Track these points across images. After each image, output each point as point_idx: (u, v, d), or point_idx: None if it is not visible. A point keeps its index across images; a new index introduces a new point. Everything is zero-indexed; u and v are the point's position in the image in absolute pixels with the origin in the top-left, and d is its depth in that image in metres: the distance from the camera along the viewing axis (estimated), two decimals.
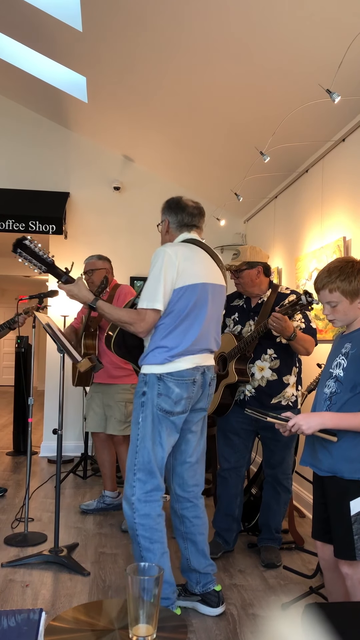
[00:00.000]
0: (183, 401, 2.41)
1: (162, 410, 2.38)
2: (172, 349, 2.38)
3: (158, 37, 3.49)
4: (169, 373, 2.37)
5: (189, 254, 2.44)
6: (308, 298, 2.67)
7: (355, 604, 1.80)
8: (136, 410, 2.42)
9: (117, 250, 5.89)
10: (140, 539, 2.35)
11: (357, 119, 3.38)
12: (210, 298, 2.49)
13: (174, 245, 2.45)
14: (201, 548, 2.58)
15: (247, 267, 3.15)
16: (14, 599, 2.66)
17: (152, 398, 2.38)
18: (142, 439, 2.38)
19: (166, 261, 2.37)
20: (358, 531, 1.88)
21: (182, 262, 2.39)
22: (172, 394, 2.37)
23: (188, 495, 2.57)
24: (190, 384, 2.42)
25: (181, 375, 2.39)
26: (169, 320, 2.40)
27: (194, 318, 2.43)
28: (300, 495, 4.07)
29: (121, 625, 1.45)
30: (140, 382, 2.43)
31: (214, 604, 2.56)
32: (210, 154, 4.90)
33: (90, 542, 3.43)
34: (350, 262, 1.99)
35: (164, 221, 2.62)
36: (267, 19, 2.91)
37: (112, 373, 3.83)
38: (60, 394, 3.20)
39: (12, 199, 5.64)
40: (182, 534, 2.60)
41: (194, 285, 2.42)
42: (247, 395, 3.14)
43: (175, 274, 2.37)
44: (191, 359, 2.42)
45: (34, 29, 4.07)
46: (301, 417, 1.90)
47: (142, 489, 2.36)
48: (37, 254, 2.50)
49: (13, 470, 5.24)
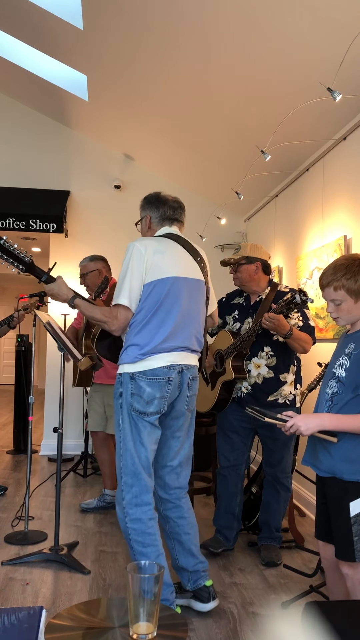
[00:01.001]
0: (156, 401, 2.33)
1: (135, 410, 2.32)
2: (143, 347, 2.31)
3: (159, 36, 3.48)
4: (141, 372, 2.31)
5: (160, 248, 2.37)
6: (302, 297, 2.67)
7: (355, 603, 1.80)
8: (117, 413, 2.38)
9: (117, 249, 5.89)
10: (133, 543, 2.33)
11: (358, 117, 3.37)
12: (184, 293, 2.40)
13: (145, 239, 2.39)
14: (187, 547, 2.54)
15: (246, 262, 3.16)
16: (14, 597, 2.66)
17: (126, 398, 2.33)
18: (123, 441, 2.34)
19: (134, 255, 2.32)
20: (358, 532, 1.87)
21: (151, 256, 2.33)
22: (144, 393, 2.31)
23: (170, 497, 2.53)
24: (165, 383, 2.33)
25: (154, 373, 2.31)
26: (140, 316, 2.34)
27: (166, 314, 2.34)
28: (301, 494, 4.07)
29: (121, 623, 1.45)
30: (117, 382, 2.38)
31: (205, 600, 2.53)
32: (211, 153, 4.89)
33: (90, 540, 3.43)
34: (357, 260, 1.95)
35: (144, 217, 2.57)
36: (268, 18, 2.91)
37: (112, 373, 3.84)
38: (61, 393, 3.21)
39: (12, 197, 5.64)
40: (168, 534, 2.57)
41: (164, 280, 2.34)
42: (244, 392, 3.14)
43: (143, 268, 2.32)
44: (165, 356, 2.34)
45: (35, 28, 4.07)
46: (300, 418, 1.88)
47: (130, 492, 2.32)
48: (14, 254, 2.47)
49: (13, 469, 5.24)
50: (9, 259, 2.48)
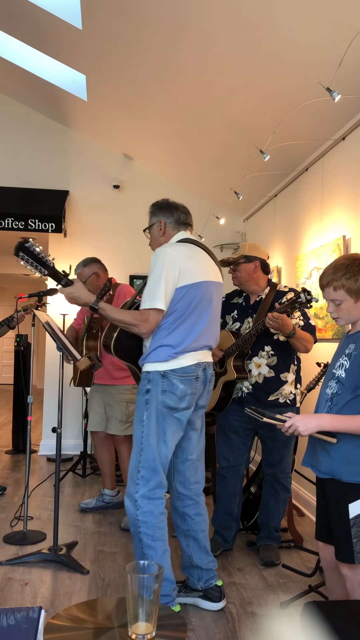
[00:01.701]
0: (187, 397, 2.43)
1: (167, 406, 2.39)
2: (175, 347, 2.39)
3: (158, 36, 3.48)
4: (172, 370, 2.39)
5: (190, 253, 2.47)
6: (307, 296, 2.67)
7: (354, 603, 1.80)
8: (140, 408, 2.43)
9: (116, 249, 5.89)
10: (142, 536, 2.36)
11: (357, 117, 3.38)
12: (213, 296, 2.53)
13: (175, 245, 2.47)
14: (203, 545, 2.61)
15: (245, 260, 3.16)
16: (13, 597, 2.66)
17: (156, 395, 2.39)
18: (146, 436, 2.39)
19: (167, 260, 2.38)
20: (357, 534, 1.86)
21: (184, 261, 2.41)
22: (177, 390, 2.39)
23: (190, 492, 2.59)
24: (194, 380, 2.44)
25: (185, 371, 2.41)
26: (171, 318, 2.41)
27: (198, 316, 2.45)
28: (300, 494, 4.07)
29: (120, 624, 1.45)
30: (144, 380, 2.43)
31: (216, 599, 2.58)
32: (210, 153, 4.89)
33: (89, 540, 3.43)
34: (357, 259, 1.94)
35: (158, 222, 2.64)
36: (267, 18, 2.91)
37: (114, 374, 3.83)
38: (60, 393, 3.20)
39: (11, 197, 5.63)
40: (184, 531, 2.61)
41: (197, 284, 2.44)
42: (245, 391, 3.14)
43: (177, 272, 2.39)
44: (193, 355, 2.44)
45: (34, 27, 4.07)
46: (299, 418, 1.87)
47: (146, 486, 2.37)
48: (38, 257, 2.49)
49: (12, 469, 5.24)
50: (33, 262, 2.49)
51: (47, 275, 2.50)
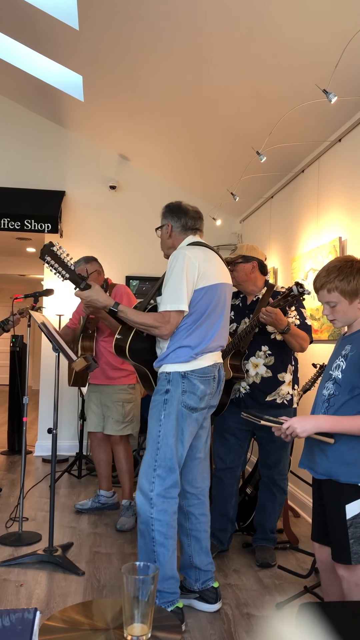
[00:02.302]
0: (207, 397, 2.49)
1: (188, 407, 2.43)
2: (195, 348, 2.44)
3: (155, 36, 3.48)
4: (192, 370, 2.44)
5: (206, 256, 2.52)
6: (299, 289, 2.68)
7: (349, 604, 1.80)
8: (157, 408, 2.45)
9: (112, 250, 5.88)
10: (156, 534, 2.37)
11: (354, 119, 3.38)
12: (227, 298, 2.61)
13: (192, 248, 2.50)
14: (205, 545, 2.62)
15: (242, 260, 3.17)
16: (8, 599, 2.65)
17: (176, 395, 2.42)
18: (164, 435, 2.41)
19: (187, 263, 2.42)
20: (353, 535, 1.86)
21: (202, 264, 2.46)
22: (198, 390, 2.44)
23: (196, 492, 2.62)
24: (212, 380, 2.50)
25: (204, 372, 2.46)
26: (190, 320, 2.46)
27: (216, 317, 2.51)
28: (296, 495, 4.07)
29: (116, 625, 1.45)
30: (163, 380, 2.46)
31: (212, 601, 2.59)
32: (207, 154, 4.90)
33: (84, 541, 3.42)
34: (350, 261, 1.95)
35: (165, 225, 2.66)
36: (264, 20, 2.91)
37: (109, 374, 3.83)
38: (55, 393, 3.20)
39: (7, 197, 5.62)
40: (187, 530, 2.62)
41: (215, 286, 2.50)
42: (242, 392, 3.14)
43: (196, 275, 2.43)
44: (210, 356, 2.50)
45: (30, 27, 4.06)
46: (296, 420, 1.87)
47: (162, 485, 2.39)
48: (63, 261, 2.49)
49: (7, 470, 5.23)
50: (56, 265, 2.48)
51: (68, 279, 2.49)
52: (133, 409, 3.85)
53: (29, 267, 10.30)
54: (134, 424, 3.85)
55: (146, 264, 5.94)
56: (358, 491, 1.87)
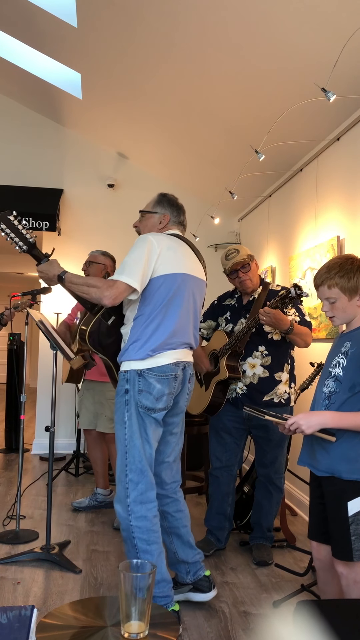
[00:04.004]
0: (165, 397, 2.37)
1: (143, 407, 2.34)
2: (148, 341, 2.34)
3: (153, 34, 3.48)
4: (149, 369, 2.34)
5: (172, 245, 2.43)
6: (297, 291, 2.67)
7: (347, 602, 1.81)
8: (120, 410, 2.38)
9: (110, 248, 5.86)
10: (137, 541, 2.32)
11: (352, 118, 3.38)
12: (189, 290, 2.47)
13: (158, 235, 2.44)
14: (186, 540, 2.59)
15: (251, 260, 3.17)
16: (5, 597, 2.65)
17: (134, 395, 2.34)
18: (130, 438, 2.34)
19: (149, 247, 2.34)
20: (355, 532, 1.87)
21: (164, 251, 2.38)
22: (154, 390, 2.34)
23: (167, 492, 2.57)
24: (172, 380, 2.39)
25: (162, 370, 2.35)
26: (148, 310, 2.36)
27: (173, 309, 2.39)
28: (293, 493, 4.08)
29: (113, 622, 1.45)
30: (122, 379, 2.38)
31: (206, 589, 2.58)
32: (205, 152, 4.89)
33: (82, 539, 3.42)
34: (350, 259, 1.98)
35: (162, 215, 2.60)
36: (263, 18, 2.91)
37: (104, 371, 3.82)
38: (53, 392, 3.20)
39: (5, 195, 5.61)
40: (166, 529, 2.58)
41: (174, 275, 2.39)
42: (239, 392, 3.14)
43: (155, 260, 2.35)
44: (171, 354, 2.39)
45: (28, 25, 4.05)
46: (301, 417, 1.88)
47: (136, 490, 2.33)
48: (19, 232, 2.43)
49: (5, 468, 5.22)
50: (12, 234, 2.44)
51: (27, 252, 2.47)
52: None
53: (26, 265, 10.29)
54: None
55: None
56: (359, 488, 1.88)
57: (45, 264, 2.45)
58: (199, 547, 3.13)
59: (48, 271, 2.43)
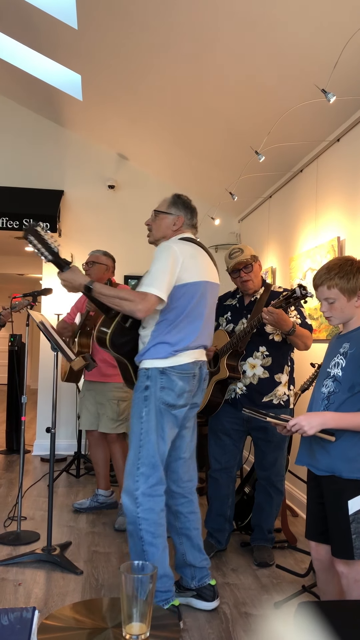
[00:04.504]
0: (185, 394, 2.45)
1: (165, 403, 2.41)
2: (174, 345, 2.42)
3: (153, 36, 3.48)
4: (171, 367, 2.41)
5: (193, 252, 2.49)
6: (302, 291, 2.67)
7: (348, 603, 1.81)
8: (138, 405, 2.43)
9: (111, 249, 5.83)
10: (143, 533, 2.35)
11: (352, 119, 3.39)
12: (210, 296, 2.57)
13: (180, 243, 2.48)
14: (196, 543, 2.61)
15: (254, 261, 3.17)
16: (6, 598, 2.65)
17: (155, 392, 2.40)
18: (146, 433, 2.40)
19: (173, 256, 2.39)
20: (356, 530, 1.88)
21: (187, 260, 2.44)
22: (176, 387, 2.42)
23: (183, 490, 2.60)
24: (191, 378, 2.47)
25: (183, 369, 2.43)
26: (172, 316, 2.43)
27: (197, 315, 2.48)
28: (293, 494, 4.07)
29: (114, 624, 1.45)
30: (142, 376, 2.44)
31: (210, 598, 2.59)
32: (205, 153, 4.89)
33: (83, 540, 3.42)
34: (350, 260, 2.01)
35: (177, 217, 2.63)
36: (263, 20, 2.91)
37: (105, 371, 3.82)
38: (54, 393, 3.20)
39: (6, 196, 5.62)
40: (177, 529, 2.61)
41: (197, 283, 2.47)
42: (239, 393, 3.14)
43: (179, 270, 2.40)
44: (191, 353, 2.47)
45: (29, 27, 4.06)
46: (303, 417, 1.90)
47: (146, 483, 2.37)
48: (46, 242, 2.47)
49: (6, 469, 5.22)
50: (40, 245, 2.46)
51: (50, 262, 2.48)
52: (127, 408, 3.84)
53: (27, 266, 10.30)
54: (128, 422, 3.84)
55: (145, 263, 5.92)
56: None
57: (69, 273, 2.45)
58: None
59: (73, 280, 2.44)
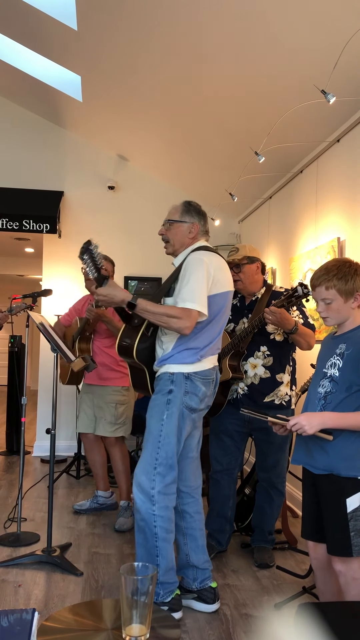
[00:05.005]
0: (207, 398, 2.54)
1: (189, 407, 2.48)
2: (200, 350, 2.49)
3: (153, 37, 3.48)
4: (195, 372, 2.48)
5: (220, 264, 2.55)
6: (304, 289, 2.67)
7: (348, 604, 1.81)
8: (159, 407, 2.47)
9: (111, 250, 5.85)
10: (158, 529, 2.42)
11: (352, 119, 3.39)
12: (230, 304, 2.66)
13: (207, 254, 2.52)
14: (201, 543, 2.64)
15: (248, 261, 3.16)
16: (6, 599, 2.65)
17: (179, 396, 2.46)
18: (166, 435, 2.45)
19: (206, 269, 2.45)
20: (354, 527, 1.91)
21: (216, 272, 2.50)
22: (200, 392, 2.49)
23: (190, 490, 2.65)
24: (211, 382, 2.56)
25: (206, 374, 2.52)
26: (200, 324, 2.48)
27: (221, 323, 2.58)
28: (294, 495, 4.07)
29: (114, 626, 1.45)
30: (166, 380, 2.48)
31: (210, 601, 2.59)
32: (205, 154, 4.90)
33: (83, 542, 3.42)
34: (347, 262, 2.04)
35: (192, 224, 2.64)
36: (263, 21, 2.91)
37: (104, 375, 3.82)
38: (54, 394, 3.19)
39: (6, 197, 5.62)
40: (182, 529, 2.64)
41: (225, 293, 2.55)
42: (240, 393, 3.13)
43: (211, 282, 2.47)
44: (211, 359, 2.56)
45: (29, 27, 4.06)
46: (303, 417, 1.93)
47: (162, 482, 2.43)
48: (95, 261, 2.47)
49: (6, 470, 5.22)
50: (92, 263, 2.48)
51: (95, 278, 2.48)
52: (126, 411, 3.83)
53: (27, 267, 10.30)
54: (127, 426, 3.84)
55: (145, 264, 5.94)
56: (358, 484, 1.93)
57: (108, 288, 2.45)
58: None
59: (114, 296, 2.43)
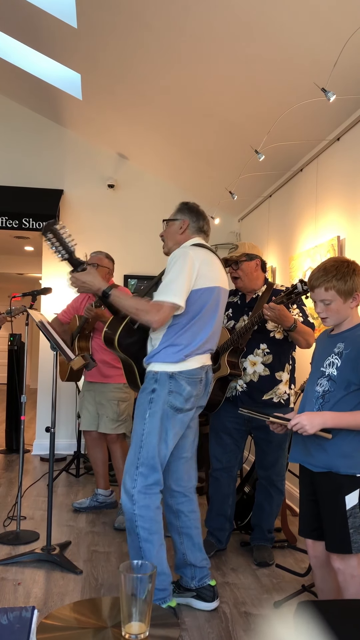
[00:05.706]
0: (192, 399, 2.48)
1: (173, 407, 2.43)
2: (185, 347, 2.44)
3: (153, 35, 3.48)
4: (180, 372, 2.43)
5: (207, 258, 2.52)
6: (303, 286, 2.67)
7: (347, 602, 1.81)
8: (142, 406, 2.44)
9: (110, 248, 5.84)
10: (139, 529, 2.36)
11: (352, 118, 3.38)
12: (221, 302, 2.60)
13: (195, 249, 2.51)
14: (197, 542, 2.62)
15: (247, 259, 3.15)
16: (5, 597, 2.65)
17: (162, 395, 2.42)
18: (147, 434, 2.41)
19: (189, 262, 2.42)
20: (353, 525, 1.92)
21: (202, 266, 2.47)
22: (184, 391, 2.44)
23: (183, 489, 2.62)
24: (198, 382, 2.50)
25: (192, 374, 2.46)
26: (184, 320, 2.45)
27: (207, 320, 2.51)
28: (293, 493, 4.07)
29: (114, 623, 1.45)
30: (150, 379, 2.45)
31: (209, 599, 2.59)
32: (205, 152, 4.89)
33: (82, 540, 3.42)
34: (346, 262, 2.03)
35: (182, 221, 2.67)
36: (263, 19, 2.91)
37: (105, 372, 3.82)
38: (53, 392, 3.19)
39: (5, 196, 5.62)
40: (178, 528, 2.62)
41: (211, 288, 2.50)
42: (239, 390, 3.13)
43: (195, 275, 2.43)
44: (199, 358, 2.49)
45: (28, 25, 4.05)
46: (304, 417, 1.93)
47: (144, 482, 2.39)
48: (64, 241, 2.48)
49: (5, 469, 5.22)
50: (59, 244, 2.47)
51: (66, 259, 2.48)
52: (127, 408, 3.84)
53: (27, 265, 10.29)
54: (128, 423, 3.84)
55: (144, 263, 5.94)
56: (356, 482, 1.94)
57: (87, 275, 2.46)
58: None
59: (92, 284, 2.45)
